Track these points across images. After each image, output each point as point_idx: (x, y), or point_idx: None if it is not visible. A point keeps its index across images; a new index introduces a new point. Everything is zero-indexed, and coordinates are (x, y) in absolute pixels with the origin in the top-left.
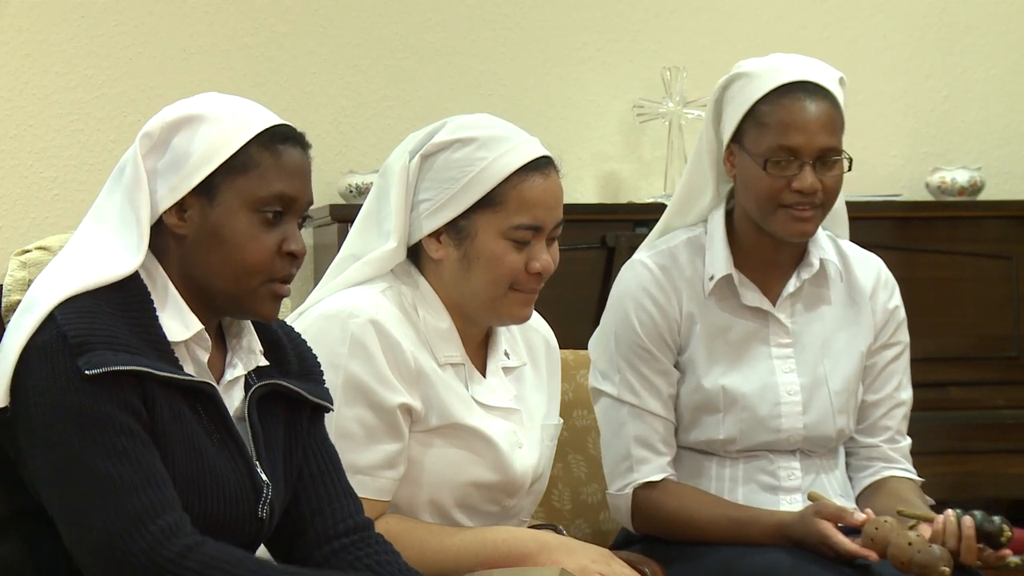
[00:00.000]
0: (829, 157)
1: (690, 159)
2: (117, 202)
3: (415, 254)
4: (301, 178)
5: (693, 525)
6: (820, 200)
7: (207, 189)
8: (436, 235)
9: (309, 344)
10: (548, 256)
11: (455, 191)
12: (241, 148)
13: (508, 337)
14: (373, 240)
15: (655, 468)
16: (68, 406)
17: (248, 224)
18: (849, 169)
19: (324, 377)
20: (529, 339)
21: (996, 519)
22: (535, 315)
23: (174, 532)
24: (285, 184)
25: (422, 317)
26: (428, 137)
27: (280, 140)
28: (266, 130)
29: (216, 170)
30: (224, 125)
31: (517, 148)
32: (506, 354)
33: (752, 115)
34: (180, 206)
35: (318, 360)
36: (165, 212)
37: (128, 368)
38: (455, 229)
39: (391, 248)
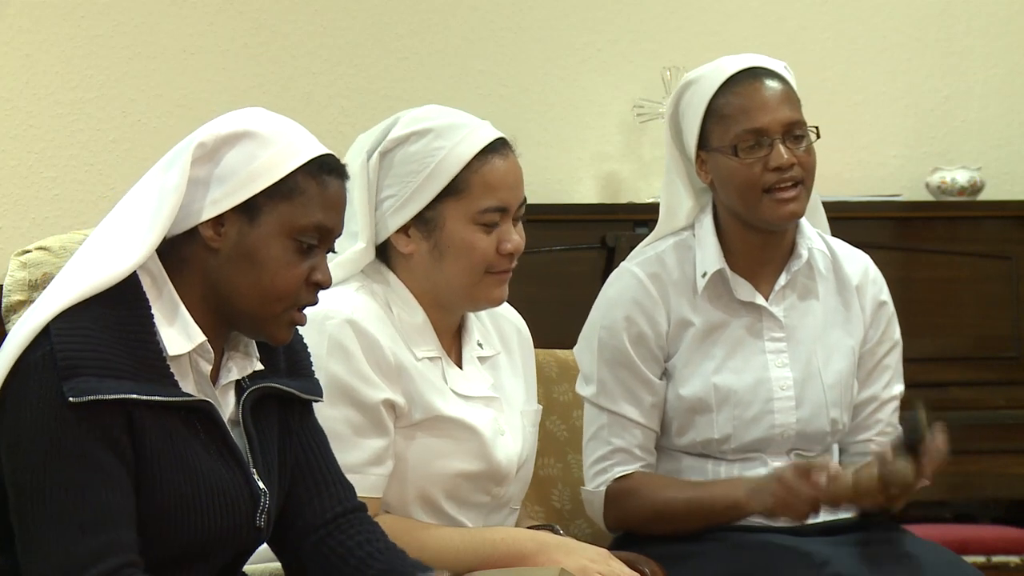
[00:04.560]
0: (796, 131)
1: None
2: (146, 198)
3: (383, 252)
4: (339, 211)
5: (656, 509)
6: (799, 175)
7: (249, 208)
8: (404, 230)
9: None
10: (517, 236)
11: (418, 184)
12: (289, 174)
13: (480, 327)
14: (341, 243)
15: (629, 468)
16: (46, 433)
17: (284, 250)
18: (818, 137)
19: (313, 368)
20: (501, 328)
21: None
22: (505, 304)
23: (114, 575)
24: (325, 216)
25: (396, 313)
26: (383, 134)
27: (327, 171)
28: (315, 158)
29: (262, 191)
30: (276, 147)
31: (472, 133)
32: (479, 344)
33: (710, 114)
34: (218, 220)
35: (308, 351)
36: (201, 224)
37: (113, 397)
38: (422, 221)
39: (360, 249)
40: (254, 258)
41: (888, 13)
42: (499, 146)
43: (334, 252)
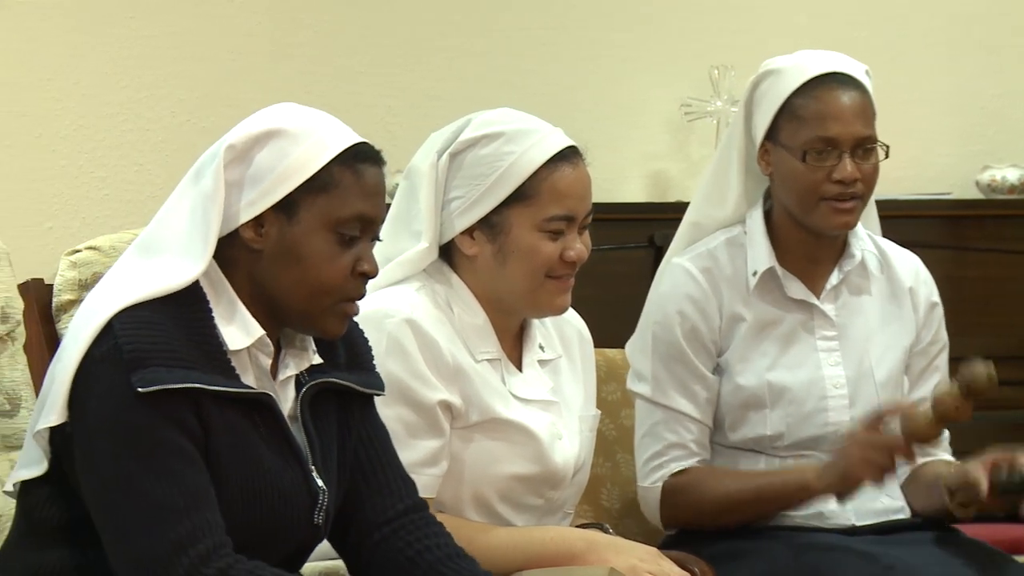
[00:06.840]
0: (866, 146)
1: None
2: (187, 208)
3: (446, 252)
4: (378, 198)
5: (717, 501)
6: (860, 191)
7: (287, 206)
8: (469, 232)
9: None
10: (582, 245)
11: (486, 187)
12: (323, 167)
13: (542, 330)
14: (403, 241)
15: (686, 463)
16: (120, 424)
17: (326, 244)
18: (886, 157)
19: (374, 362)
20: (563, 331)
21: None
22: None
23: (211, 557)
24: (364, 205)
25: (456, 314)
26: (454, 135)
27: (361, 159)
28: (347, 149)
29: (297, 188)
30: (307, 143)
31: (544, 140)
32: (541, 347)
33: (786, 110)
34: (258, 221)
35: (368, 344)
36: (241, 226)
37: (182, 386)
38: (488, 225)
39: (423, 248)
40: (297, 254)
41: (937, 11)
42: (570, 154)
43: (379, 240)
